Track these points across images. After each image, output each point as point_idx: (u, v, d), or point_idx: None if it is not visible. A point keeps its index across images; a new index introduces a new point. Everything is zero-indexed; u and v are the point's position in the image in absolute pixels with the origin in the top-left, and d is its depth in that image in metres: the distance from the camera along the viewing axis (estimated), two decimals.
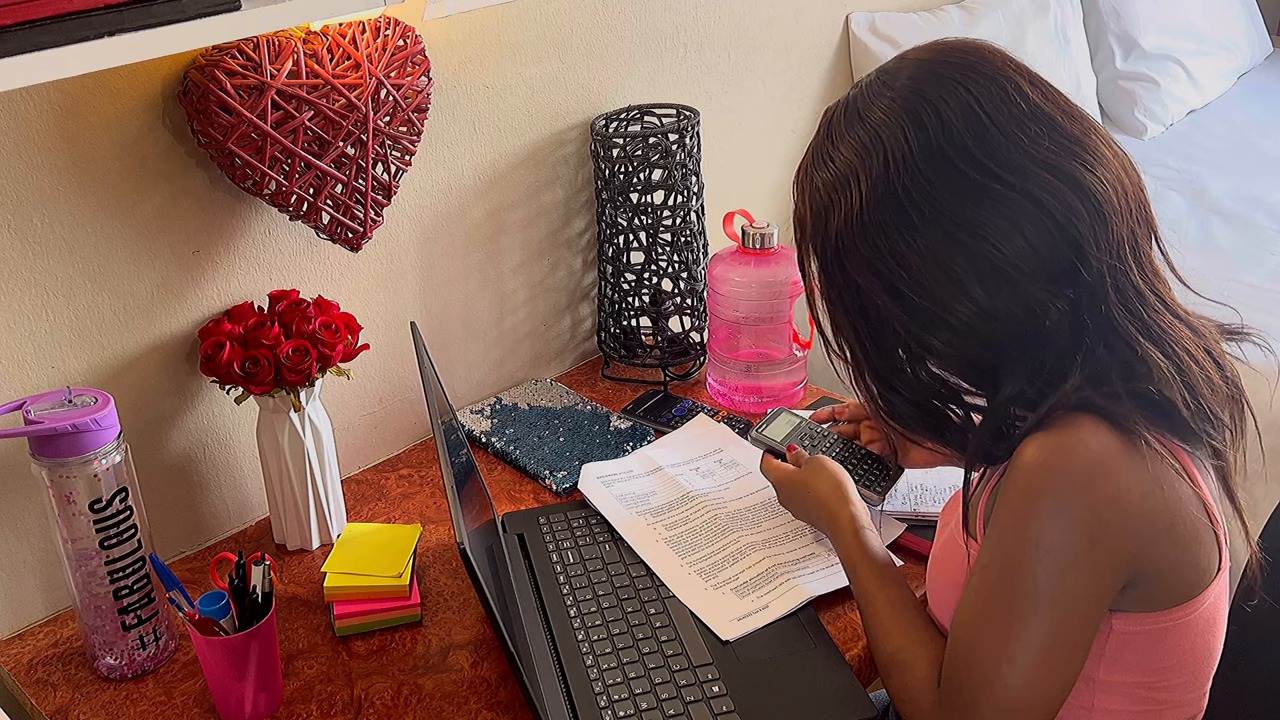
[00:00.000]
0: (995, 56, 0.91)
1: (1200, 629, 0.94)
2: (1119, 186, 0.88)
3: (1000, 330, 0.89)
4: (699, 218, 1.60)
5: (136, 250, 1.21)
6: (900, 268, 0.89)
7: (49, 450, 1.05)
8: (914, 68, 0.91)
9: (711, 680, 1.08)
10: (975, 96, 0.87)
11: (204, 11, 0.97)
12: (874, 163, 0.89)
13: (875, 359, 0.95)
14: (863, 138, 0.90)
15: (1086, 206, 0.86)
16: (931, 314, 0.90)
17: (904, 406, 0.97)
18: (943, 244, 0.87)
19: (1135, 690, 0.94)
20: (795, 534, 1.27)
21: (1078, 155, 0.88)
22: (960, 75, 0.89)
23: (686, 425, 1.49)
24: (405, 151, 1.30)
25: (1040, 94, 0.89)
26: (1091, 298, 0.87)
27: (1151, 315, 0.89)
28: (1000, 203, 0.86)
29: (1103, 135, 0.92)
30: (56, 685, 1.14)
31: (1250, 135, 2.57)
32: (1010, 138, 0.87)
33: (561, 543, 1.28)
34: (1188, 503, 0.88)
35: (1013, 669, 0.88)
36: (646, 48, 1.64)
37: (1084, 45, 2.46)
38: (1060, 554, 0.86)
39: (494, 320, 1.58)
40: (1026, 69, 0.91)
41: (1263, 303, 1.92)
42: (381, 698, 1.11)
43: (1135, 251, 0.89)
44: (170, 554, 1.32)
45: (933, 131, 0.87)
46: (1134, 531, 0.86)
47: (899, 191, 0.88)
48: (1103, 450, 0.85)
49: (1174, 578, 0.90)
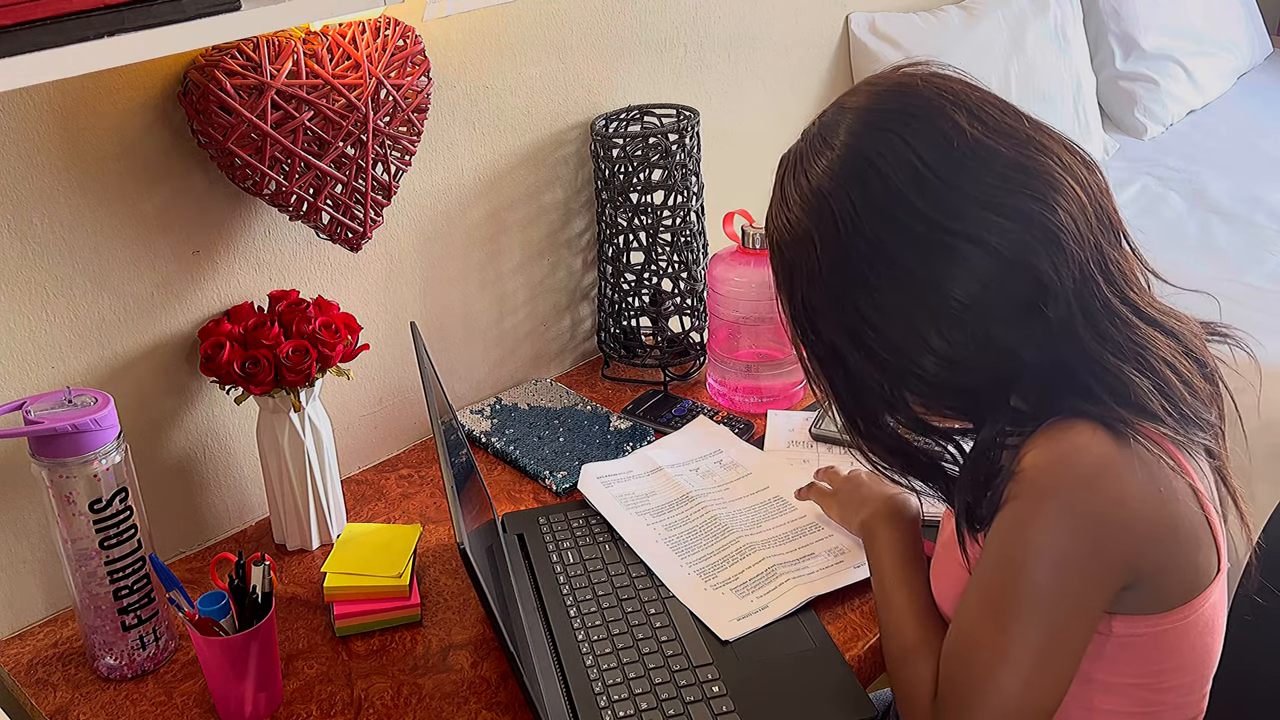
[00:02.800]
0: (930, 90, 0.89)
1: (1199, 631, 0.94)
2: (1075, 203, 0.86)
3: (972, 376, 0.89)
4: (699, 218, 1.60)
5: (136, 250, 1.21)
6: (866, 325, 0.89)
7: (49, 450, 1.05)
8: (852, 120, 0.89)
9: (711, 680, 1.08)
10: (911, 146, 0.86)
11: (204, 11, 0.97)
12: (825, 224, 0.89)
13: (854, 408, 0.96)
14: (810, 199, 0.90)
15: (1039, 238, 0.85)
16: (900, 367, 0.90)
17: (885, 453, 0.98)
18: (901, 299, 0.87)
19: (1135, 691, 0.95)
20: (795, 534, 1.27)
21: (1024, 185, 0.86)
22: (895, 124, 0.87)
23: (687, 426, 1.49)
24: (405, 151, 1.30)
25: (980, 125, 0.87)
26: (1062, 326, 0.87)
27: (1124, 332, 0.88)
28: (951, 252, 0.85)
29: (1054, 147, 0.89)
30: (56, 685, 1.14)
31: (1250, 135, 2.57)
32: (951, 184, 0.85)
33: (561, 543, 1.28)
34: (1186, 504, 0.88)
35: (1009, 670, 0.88)
36: (646, 48, 1.64)
37: (1084, 45, 2.46)
38: (1062, 558, 0.86)
39: (494, 320, 1.58)
40: (966, 96, 0.89)
41: (1263, 303, 1.92)
42: (381, 698, 1.11)
43: (1102, 264, 0.88)
44: (170, 554, 1.32)
45: (875, 190, 0.87)
46: (1136, 534, 0.86)
47: (852, 252, 0.88)
48: (1104, 454, 0.85)
49: (1174, 580, 0.90)
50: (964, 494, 0.94)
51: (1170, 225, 2.22)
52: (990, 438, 0.91)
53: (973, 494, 0.93)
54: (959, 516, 0.95)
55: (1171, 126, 2.63)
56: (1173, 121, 2.64)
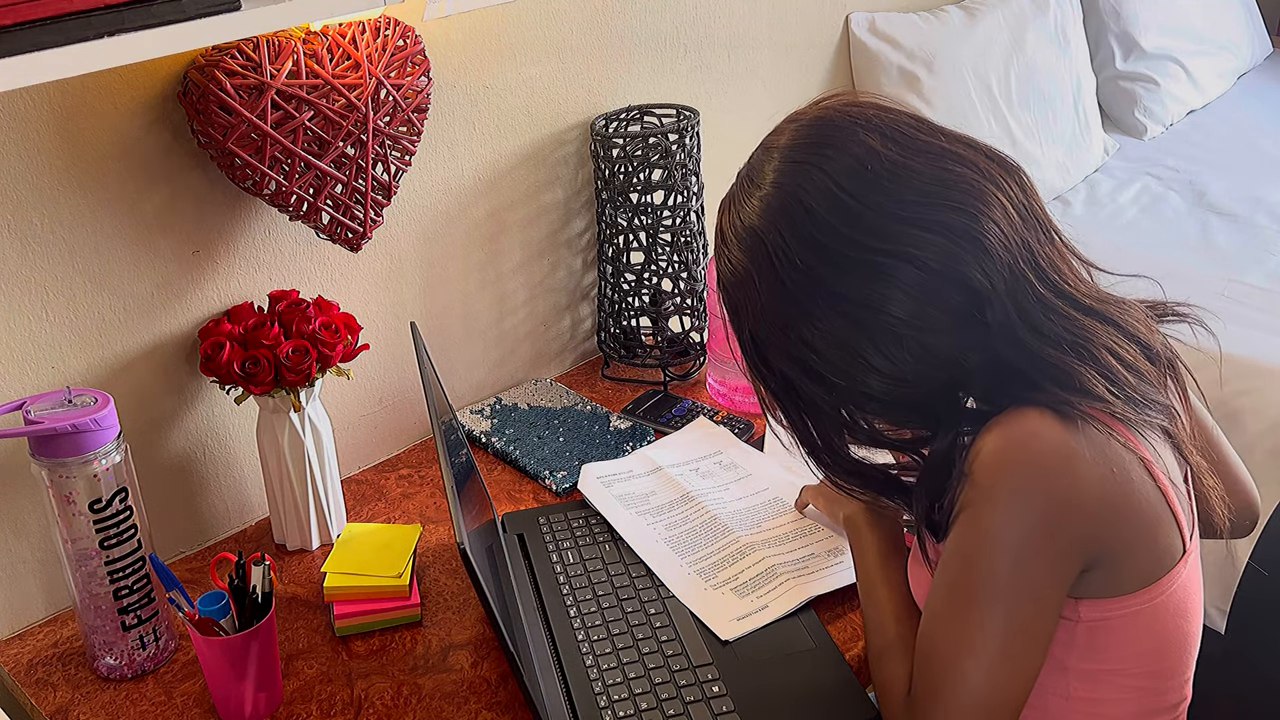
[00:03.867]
0: (844, 120, 0.92)
1: (1171, 613, 0.95)
2: (998, 208, 0.89)
3: (920, 389, 0.91)
4: (699, 218, 1.60)
5: (136, 250, 1.21)
6: (811, 352, 0.92)
7: (49, 450, 1.05)
8: (777, 159, 0.93)
9: (711, 680, 1.08)
10: (830, 175, 0.89)
11: (204, 11, 0.97)
12: (761, 260, 0.92)
13: (812, 435, 0.98)
14: (746, 238, 0.93)
15: (965, 246, 0.87)
16: (849, 390, 0.93)
17: (843, 475, 1.00)
18: (842, 324, 0.90)
19: (1112, 678, 0.95)
20: (795, 534, 1.27)
21: (944, 197, 0.88)
22: (814, 158, 0.90)
23: (687, 427, 1.49)
24: (405, 151, 1.30)
25: (895, 146, 0.89)
26: (1000, 328, 0.89)
27: (1063, 325, 0.90)
28: (881, 272, 0.88)
29: (972, 156, 0.91)
30: (56, 685, 1.14)
31: (1250, 135, 2.57)
32: (872, 206, 0.88)
33: (561, 543, 1.28)
34: (1140, 484, 0.90)
35: (974, 660, 0.89)
36: (646, 48, 1.64)
37: (1084, 45, 2.46)
38: (1019, 543, 0.87)
39: (494, 320, 1.58)
40: (879, 119, 0.91)
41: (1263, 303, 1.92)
42: (381, 698, 1.11)
43: (1033, 263, 0.90)
44: (170, 554, 1.32)
45: (801, 223, 0.89)
46: (1091, 515, 0.88)
47: (790, 286, 0.91)
48: (1055, 438, 0.87)
49: (1135, 560, 0.91)
50: (921, 500, 0.95)
51: (1170, 225, 2.22)
52: (947, 442, 0.93)
53: (930, 499, 0.94)
54: (918, 521, 0.97)
55: (1171, 126, 2.63)
56: (1173, 121, 2.64)
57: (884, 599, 1.05)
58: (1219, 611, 1.70)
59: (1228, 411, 1.69)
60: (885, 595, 1.05)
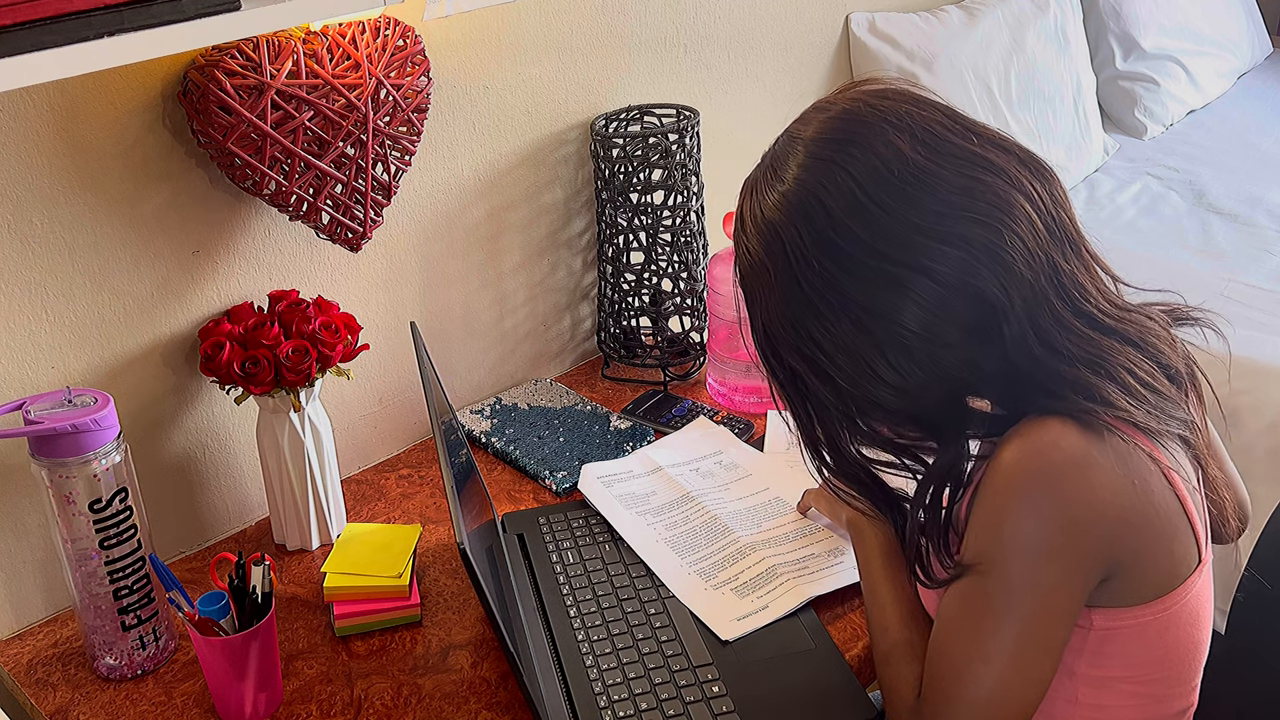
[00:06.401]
0: (873, 115, 0.89)
1: (1183, 623, 0.94)
2: (1024, 221, 0.87)
3: (926, 400, 0.91)
4: (699, 218, 1.60)
5: (136, 250, 1.21)
6: (821, 353, 0.91)
7: (49, 450, 1.05)
8: (800, 153, 0.91)
9: (711, 680, 1.08)
10: (853, 176, 0.87)
11: (204, 11, 0.97)
12: (777, 256, 0.91)
13: (816, 433, 0.98)
14: (765, 231, 0.92)
15: (984, 262, 0.86)
16: (855, 394, 0.92)
17: (842, 478, 1.00)
18: (852, 330, 0.89)
19: (1120, 685, 0.95)
20: (795, 534, 1.27)
21: (967, 208, 0.86)
22: (839, 155, 0.88)
23: (687, 426, 1.49)
24: (405, 151, 1.30)
25: (923, 149, 0.87)
26: (1015, 343, 0.88)
27: (1079, 345, 0.89)
28: (897, 282, 0.87)
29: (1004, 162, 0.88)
30: (56, 685, 1.14)
31: (1250, 135, 2.57)
32: (893, 213, 0.86)
33: (561, 543, 1.28)
34: (1160, 495, 0.89)
35: (986, 666, 0.89)
36: (646, 48, 1.64)
37: (1084, 45, 2.46)
38: (1035, 552, 0.87)
39: (494, 320, 1.58)
40: (910, 117, 0.89)
41: (1263, 303, 1.92)
42: (381, 698, 1.11)
43: (1055, 279, 0.88)
44: (170, 554, 1.32)
45: (820, 224, 0.88)
46: (1108, 526, 0.87)
47: (804, 285, 0.90)
48: (1074, 448, 0.86)
49: (1151, 572, 0.91)
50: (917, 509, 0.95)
51: (1170, 225, 2.22)
52: (951, 454, 0.93)
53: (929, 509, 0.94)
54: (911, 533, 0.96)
55: (1171, 126, 2.63)
56: (1173, 121, 2.64)
57: (889, 601, 1.04)
58: (1219, 612, 1.70)
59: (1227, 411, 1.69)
60: (890, 597, 1.05)
